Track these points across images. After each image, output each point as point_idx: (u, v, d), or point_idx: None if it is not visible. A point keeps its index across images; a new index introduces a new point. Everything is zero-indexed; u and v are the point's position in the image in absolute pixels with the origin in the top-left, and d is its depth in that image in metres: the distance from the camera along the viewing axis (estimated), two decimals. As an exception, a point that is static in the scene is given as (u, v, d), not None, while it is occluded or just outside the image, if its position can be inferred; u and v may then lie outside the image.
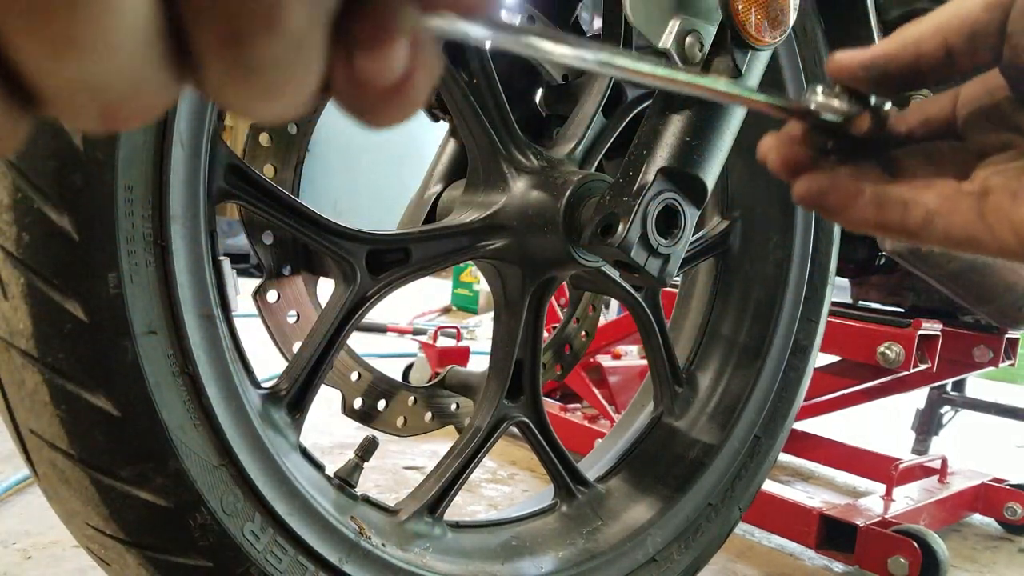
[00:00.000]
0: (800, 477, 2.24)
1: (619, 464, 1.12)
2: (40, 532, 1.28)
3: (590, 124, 0.95)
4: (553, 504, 1.03)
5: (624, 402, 2.07)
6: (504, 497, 1.76)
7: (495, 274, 0.94)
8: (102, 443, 0.58)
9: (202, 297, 0.62)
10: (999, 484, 1.90)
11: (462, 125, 0.88)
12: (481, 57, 0.86)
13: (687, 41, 0.72)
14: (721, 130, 0.76)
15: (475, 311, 5.31)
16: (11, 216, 0.55)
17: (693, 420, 1.14)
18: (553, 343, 1.30)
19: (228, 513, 0.64)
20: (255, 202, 0.70)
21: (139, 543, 0.61)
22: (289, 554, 0.68)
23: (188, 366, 0.61)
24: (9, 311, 0.56)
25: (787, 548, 1.64)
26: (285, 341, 0.91)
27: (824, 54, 1.08)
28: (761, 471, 1.15)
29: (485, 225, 0.87)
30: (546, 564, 0.95)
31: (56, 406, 0.57)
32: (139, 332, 0.58)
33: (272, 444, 0.69)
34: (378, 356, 3.18)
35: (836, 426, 2.40)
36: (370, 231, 0.79)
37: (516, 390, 0.95)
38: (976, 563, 1.70)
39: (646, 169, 0.74)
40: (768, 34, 0.72)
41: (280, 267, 0.91)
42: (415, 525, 0.86)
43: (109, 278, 0.56)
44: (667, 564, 1.03)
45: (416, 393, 1.04)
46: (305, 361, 0.77)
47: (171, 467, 0.60)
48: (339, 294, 0.79)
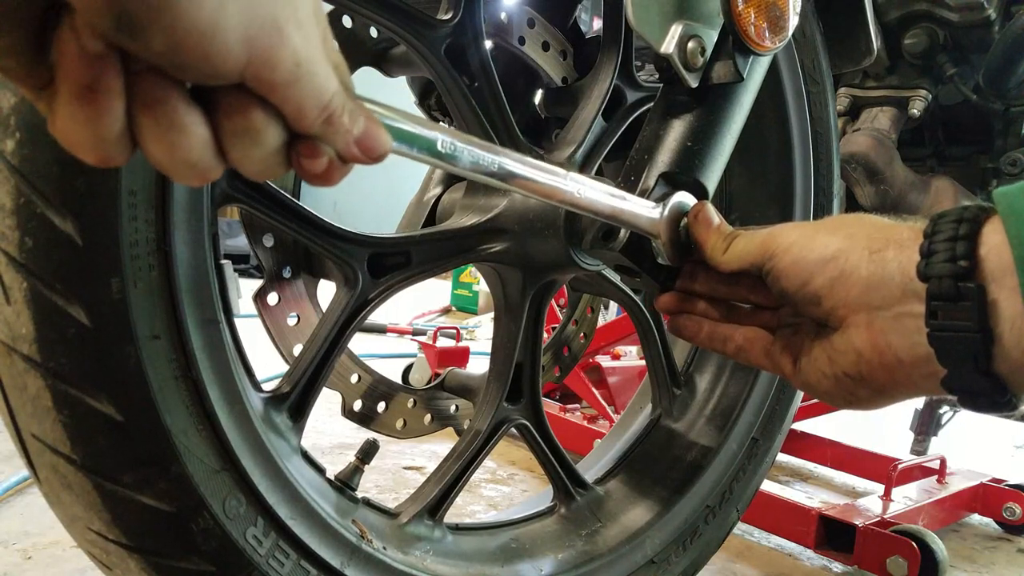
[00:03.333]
0: (799, 477, 2.24)
1: (618, 466, 1.12)
2: (40, 532, 1.28)
3: (590, 127, 0.96)
4: (552, 506, 1.03)
5: (623, 403, 2.08)
6: (503, 497, 1.76)
7: (495, 277, 0.94)
8: (104, 448, 0.58)
9: (205, 301, 0.62)
10: (998, 484, 1.91)
11: (462, 127, 0.88)
12: (482, 59, 0.86)
13: (689, 46, 0.72)
14: (722, 134, 0.76)
15: (475, 312, 5.31)
16: (14, 220, 0.55)
17: (691, 422, 1.14)
18: (551, 345, 1.30)
19: (231, 517, 0.64)
20: (257, 205, 0.70)
21: (141, 548, 0.61)
22: (291, 559, 0.68)
23: (191, 370, 0.61)
24: (12, 316, 0.56)
25: (786, 548, 1.64)
26: (286, 343, 0.91)
27: (823, 58, 1.09)
28: (759, 473, 1.15)
29: (486, 228, 0.87)
30: (545, 566, 0.95)
31: (58, 411, 0.57)
32: (142, 337, 0.58)
33: (274, 447, 0.69)
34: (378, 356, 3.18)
35: (835, 426, 2.41)
36: (372, 234, 0.79)
37: (516, 393, 0.96)
38: (975, 563, 1.70)
39: (647, 173, 0.74)
40: (769, 39, 0.73)
41: (281, 269, 0.91)
42: (415, 528, 0.86)
43: (112, 283, 0.56)
44: (666, 566, 1.04)
45: (416, 395, 1.04)
46: (307, 364, 0.77)
47: (173, 472, 0.60)
48: (340, 297, 0.79)
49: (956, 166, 1.77)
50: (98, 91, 0.33)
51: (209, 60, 0.33)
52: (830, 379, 0.58)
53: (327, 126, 0.39)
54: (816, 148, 1.12)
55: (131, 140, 0.35)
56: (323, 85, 0.37)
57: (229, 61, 0.34)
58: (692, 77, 0.74)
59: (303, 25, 0.36)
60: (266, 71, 0.35)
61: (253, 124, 0.36)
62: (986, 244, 0.50)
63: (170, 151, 0.35)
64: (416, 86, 1.16)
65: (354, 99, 0.41)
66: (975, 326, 0.49)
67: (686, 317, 0.70)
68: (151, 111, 0.34)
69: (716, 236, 0.66)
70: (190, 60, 0.33)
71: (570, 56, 1.11)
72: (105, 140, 0.34)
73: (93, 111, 0.33)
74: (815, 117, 1.10)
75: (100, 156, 0.34)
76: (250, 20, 0.33)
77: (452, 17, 0.83)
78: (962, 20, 1.47)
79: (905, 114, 1.59)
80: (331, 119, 0.38)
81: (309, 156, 0.39)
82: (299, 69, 0.36)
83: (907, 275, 0.53)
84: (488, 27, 0.91)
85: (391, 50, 1.03)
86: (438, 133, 0.49)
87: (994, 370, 0.50)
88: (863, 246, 0.56)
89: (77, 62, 0.32)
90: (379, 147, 0.42)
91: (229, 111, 0.36)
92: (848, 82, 1.67)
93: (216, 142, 0.36)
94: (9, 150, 0.54)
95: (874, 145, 1.55)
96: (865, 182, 1.55)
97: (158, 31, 0.31)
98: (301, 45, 0.36)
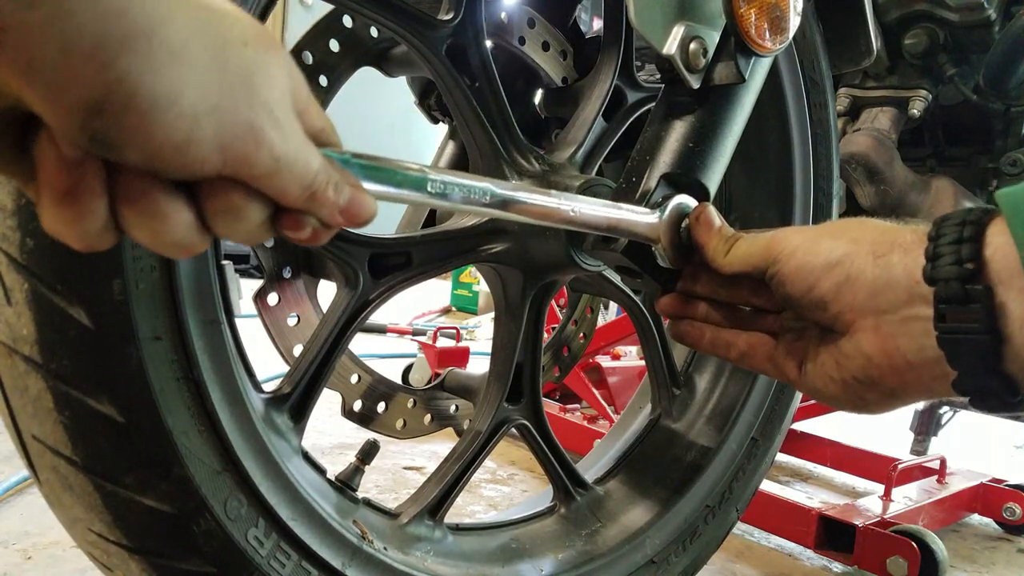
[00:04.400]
0: (799, 477, 2.24)
1: (617, 466, 1.12)
2: (40, 532, 1.28)
3: (591, 128, 0.96)
4: (552, 506, 1.04)
5: (623, 403, 2.07)
6: (503, 497, 1.76)
7: (496, 277, 0.94)
8: (106, 449, 0.58)
9: (206, 302, 0.62)
10: (998, 484, 1.91)
11: (463, 127, 0.88)
12: (483, 59, 0.86)
13: (691, 47, 0.72)
14: (724, 135, 0.76)
15: (475, 312, 5.31)
16: (15, 221, 0.55)
17: (691, 422, 1.14)
18: (551, 345, 1.30)
19: (232, 519, 0.64)
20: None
21: (142, 549, 0.61)
22: (293, 559, 0.68)
23: (192, 371, 0.61)
24: (13, 317, 0.56)
25: (786, 548, 1.64)
26: (286, 344, 0.91)
27: (823, 59, 1.09)
28: (758, 473, 1.15)
29: (486, 229, 0.87)
30: (545, 566, 0.95)
31: (60, 412, 0.57)
32: (144, 338, 0.57)
33: (275, 448, 0.69)
34: (378, 356, 3.18)
35: (835, 426, 2.41)
36: (372, 235, 0.79)
37: (516, 393, 0.96)
38: (975, 563, 1.71)
39: (649, 174, 0.74)
40: (771, 40, 0.73)
41: (281, 270, 0.91)
42: (416, 528, 0.86)
43: (114, 284, 0.56)
44: (665, 566, 1.04)
45: (416, 395, 1.04)
46: (307, 365, 0.77)
47: (175, 473, 0.60)
48: (341, 298, 0.79)
49: (956, 166, 1.76)
50: (79, 194, 0.33)
51: (186, 168, 0.34)
52: (838, 384, 0.58)
53: (311, 202, 0.40)
54: (816, 148, 1.12)
55: (116, 229, 0.36)
56: (304, 170, 0.38)
57: (206, 166, 0.34)
58: (694, 78, 0.74)
59: (280, 123, 0.37)
60: (244, 169, 0.36)
61: (235, 204, 0.37)
62: (991, 246, 0.50)
63: (155, 236, 0.36)
64: (416, 86, 1.16)
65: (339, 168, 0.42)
66: (984, 328, 0.49)
67: (688, 323, 0.70)
68: (134, 205, 0.35)
69: (717, 239, 0.66)
70: (166, 168, 0.34)
71: (570, 56, 1.11)
72: (90, 234, 0.35)
73: (75, 212, 0.34)
74: (815, 118, 1.10)
75: (87, 246, 0.35)
76: (224, 129, 0.34)
77: (453, 17, 0.83)
78: (962, 20, 1.47)
79: (905, 114, 1.59)
80: (315, 196, 0.40)
81: (292, 228, 0.40)
82: (278, 163, 0.37)
83: (913, 278, 0.53)
84: (489, 27, 0.91)
85: (392, 50, 1.03)
86: (427, 174, 0.49)
87: (1004, 370, 0.50)
88: (867, 250, 0.56)
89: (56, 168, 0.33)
90: (364, 213, 0.43)
91: (211, 194, 0.37)
92: (848, 82, 1.67)
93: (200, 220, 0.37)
94: (10, 151, 0.54)
95: (874, 145, 1.55)
96: (865, 182, 1.55)
97: (134, 149, 0.32)
98: (279, 142, 0.36)
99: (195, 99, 0.33)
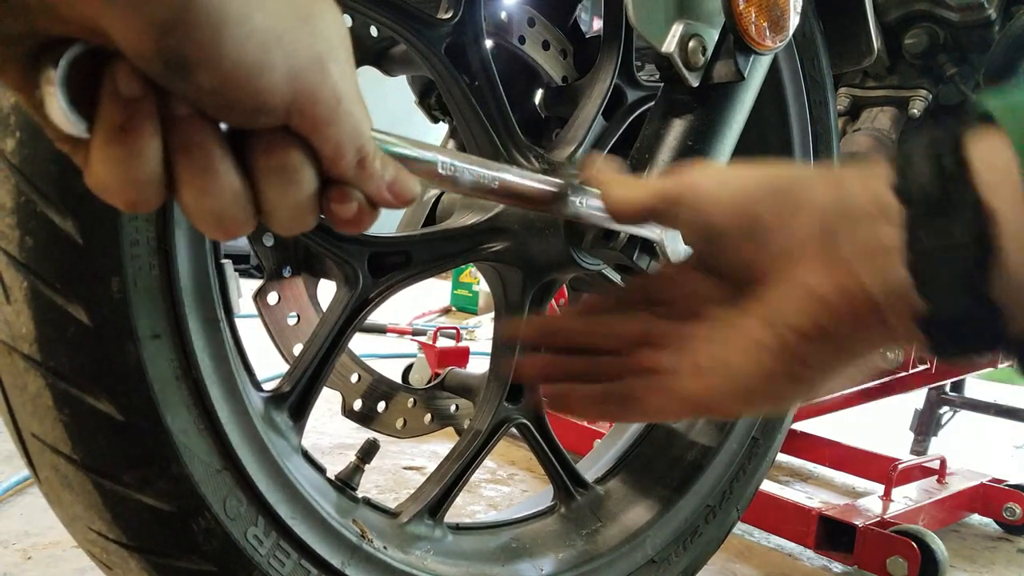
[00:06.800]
0: (799, 477, 2.24)
1: (618, 466, 1.12)
2: (40, 532, 1.28)
3: (590, 126, 0.96)
4: (552, 506, 1.03)
5: (623, 402, 2.07)
6: (503, 497, 1.76)
7: (496, 276, 0.94)
8: (105, 447, 0.58)
9: (205, 301, 0.62)
10: (998, 484, 1.90)
11: (463, 126, 0.88)
12: (482, 58, 0.86)
13: (690, 46, 0.72)
14: (723, 134, 0.76)
15: (475, 312, 5.31)
16: (14, 219, 0.55)
17: (691, 421, 1.14)
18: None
19: (231, 517, 0.64)
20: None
21: (142, 548, 0.61)
22: (292, 558, 0.68)
23: (191, 370, 0.61)
24: (12, 315, 0.56)
25: (786, 548, 1.64)
26: (285, 343, 0.92)
27: (824, 57, 1.09)
28: (759, 472, 1.15)
29: (486, 228, 0.87)
30: (546, 566, 0.95)
31: (59, 410, 0.57)
32: (143, 336, 0.58)
33: (274, 447, 0.69)
34: (378, 356, 3.18)
35: (835, 426, 2.41)
36: (372, 234, 0.79)
37: (516, 392, 0.96)
38: (975, 563, 1.70)
39: (648, 173, 0.74)
40: (770, 38, 0.73)
41: (281, 269, 0.91)
42: (416, 528, 0.86)
43: (113, 282, 0.56)
44: (666, 565, 1.04)
45: (416, 395, 1.04)
46: (307, 364, 0.77)
47: (174, 471, 0.60)
48: (341, 297, 0.79)
49: (956, 166, 1.76)
50: (131, 131, 0.33)
51: (257, 96, 0.34)
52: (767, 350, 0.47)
53: (360, 170, 0.39)
54: (816, 147, 1.12)
55: (164, 186, 0.35)
56: (360, 124, 0.38)
57: (276, 96, 0.34)
58: (693, 76, 0.74)
59: (341, 60, 0.37)
60: (309, 106, 0.35)
61: (291, 162, 0.37)
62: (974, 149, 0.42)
63: (203, 196, 0.35)
64: (416, 85, 1.16)
65: None
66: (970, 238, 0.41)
67: None
68: (188, 154, 0.35)
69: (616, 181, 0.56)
70: (238, 97, 0.33)
71: (570, 55, 1.11)
72: (137, 182, 0.34)
73: (127, 151, 0.33)
74: (815, 116, 1.10)
75: (131, 198, 0.35)
76: (295, 56, 0.34)
77: (452, 16, 0.83)
78: (962, 20, 1.47)
79: (905, 114, 1.59)
80: (364, 163, 0.39)
81: (340, 201, 0.40)
82: (340, 106, 0.37)
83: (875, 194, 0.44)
84: (488, 26, 0.91)
85: (391, 49, 1.03)
86: (438, 155, 0.49)
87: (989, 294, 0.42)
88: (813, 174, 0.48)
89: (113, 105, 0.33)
90: (409, 192, 0.42)
91: (268, 149, 0.36)
92: (848, 82, 1.67)
93: (249, 192, 0.37)
94: (9, 149, 0.54)
95: (874, 145, 1.55)
96: (865, 182, 1.55)
97: (207, 70, 0.32)
98: (340, 81, 0.37)
99: (265, 22, 0.33)
